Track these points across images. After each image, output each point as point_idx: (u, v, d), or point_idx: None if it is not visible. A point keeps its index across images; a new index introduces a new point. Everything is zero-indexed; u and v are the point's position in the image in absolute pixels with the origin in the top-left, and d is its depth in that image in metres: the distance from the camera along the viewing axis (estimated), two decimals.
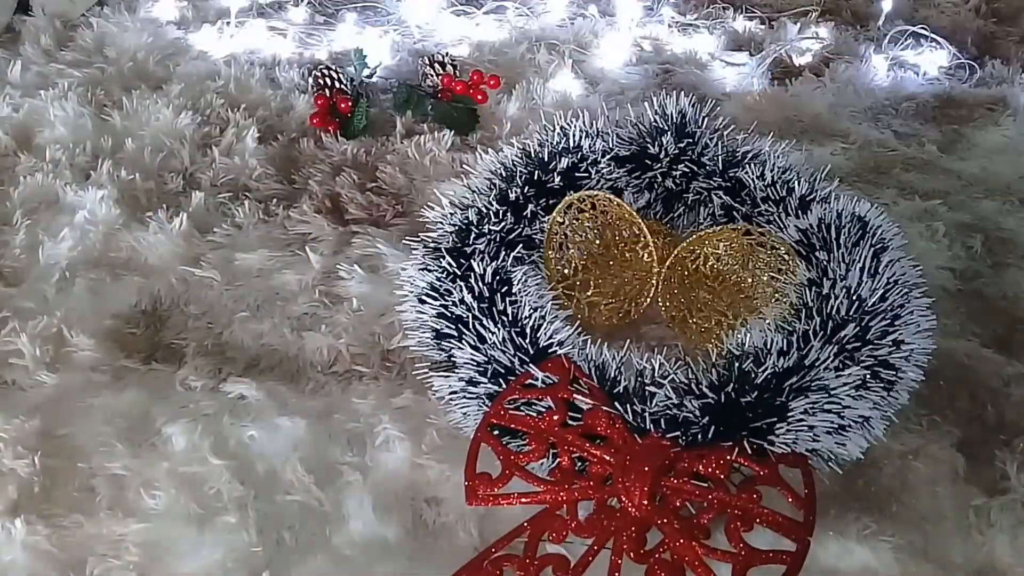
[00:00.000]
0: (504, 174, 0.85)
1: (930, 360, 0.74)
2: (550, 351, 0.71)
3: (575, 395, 0.67)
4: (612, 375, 0.69)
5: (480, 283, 0.75)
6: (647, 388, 0.68)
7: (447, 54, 1.16)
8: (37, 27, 1.22)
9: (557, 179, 0.84)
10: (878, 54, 1.28)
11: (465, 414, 0.72)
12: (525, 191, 0.83)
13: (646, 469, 0.61)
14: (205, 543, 0.65)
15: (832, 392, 0.67)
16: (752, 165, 0.85)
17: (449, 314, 0.74)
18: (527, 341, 0.72)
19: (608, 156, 0.86)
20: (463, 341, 0.72)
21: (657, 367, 0.70)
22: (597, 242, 0.87)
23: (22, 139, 1.04)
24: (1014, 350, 0.84)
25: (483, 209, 0.82)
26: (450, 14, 1.33)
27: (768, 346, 0.70)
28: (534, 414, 0.67)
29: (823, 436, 0.66)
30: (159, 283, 0.87)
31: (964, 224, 0.98)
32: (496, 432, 0.67)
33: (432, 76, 1.13)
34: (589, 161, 0.85)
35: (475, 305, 0.74)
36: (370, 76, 1.15)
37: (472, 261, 0.77)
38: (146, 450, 0.71)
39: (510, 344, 0.71)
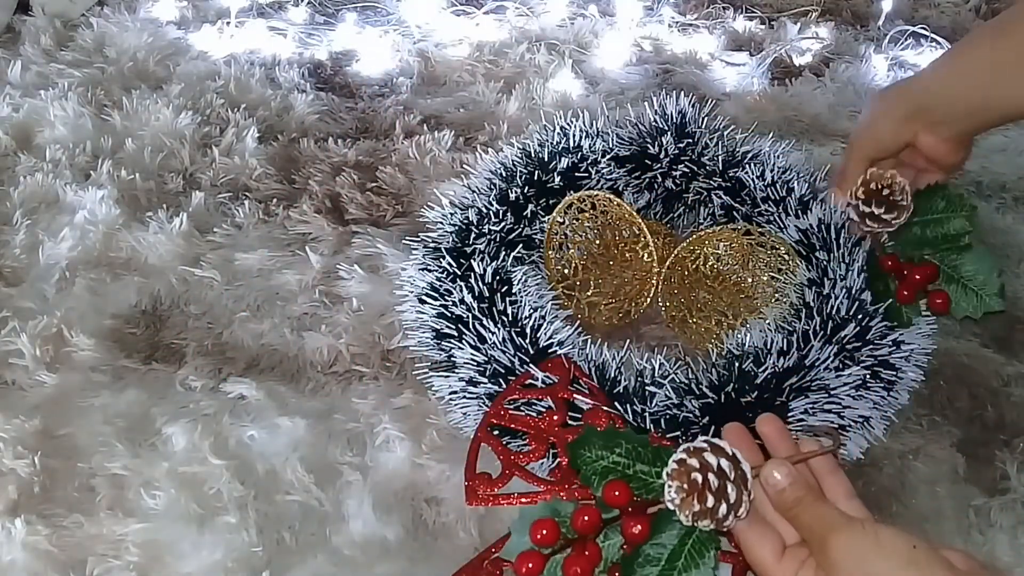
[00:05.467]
0: (504, 174, 0.85)
1: (930, 360, 0.74)
2: (550, 351, 0.71)
3: (575, 395, 0.67)
4: (612, 375, 0.70)
5: (480, 283, 0.75)
6: (647, 388, 0.68)
7: None
8: (37, 27, 1.22)
9: (557, 179, 0.84)
10: (878, 54, 1.27)
11: (465, 414, 0.72)
12: (525, 191, 0.83)
13: None
14: (205, 543, 0.65)
15: (832, 392, 0.67)
16: (752, 165, 0.85)
17: (449, 314, 0.74)
18: (527, 341, 0.72)
19: (608, 156, 0.86)
20: (463, 341, 0.72)
21: (657, 367, 0.70)
22: (597, 242, 0.87)
23: (22, 139, 1.04)
24: (1014, 350, 0.84)
25: (483, 209, 0.82)
26: (450, 14, 1.33)
27: (768, 346, 0.70)
28: (534, 414, 0.67)
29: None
30: (159, 283, 0.87)
31: None
32: (496, 432, 0.67)
33: None
34: (589, 161, 0.85)
35: (475, 305, 0.74)
36: None
37: (472, 261, 0.77)
38: (146, 450, 0.71)
39: (510, 344, 0.71)
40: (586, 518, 0.53)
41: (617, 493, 0.53)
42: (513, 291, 0.75)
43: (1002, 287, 0.72)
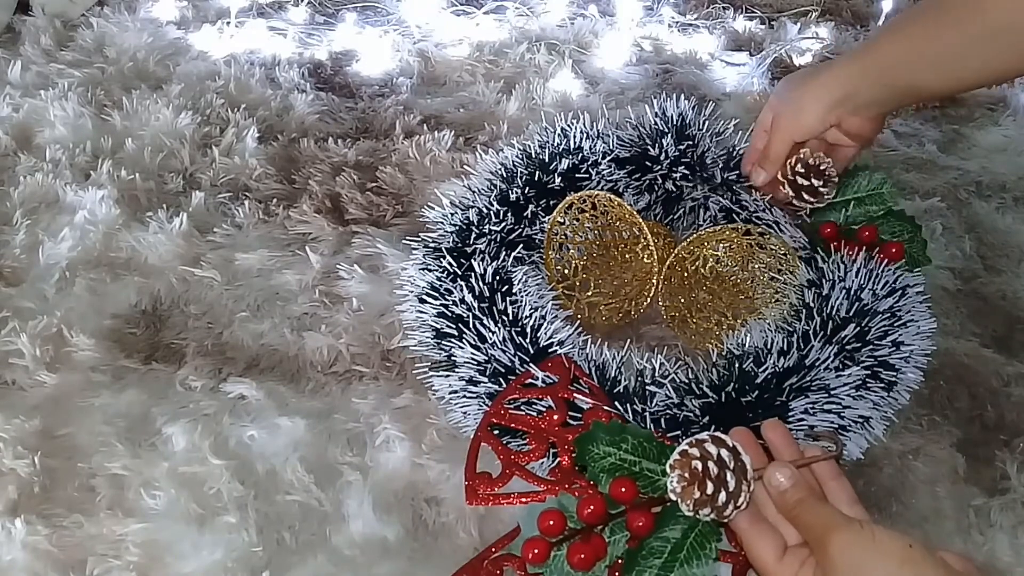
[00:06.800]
0: (504, 174, 0.85)
1: (930, 360, 0.74)
2: (550, 351, 0.71)
3: (575, 394, 0.67)
4: (612, 375, 0.70)
5: (480, 283, 0.75)
6: (647, 388, 0.68)
7: None
8: (37, 27, 1.22)
9: (557, 180, 0.84)
10: None
11: (465, 414, 0.72)
12: (525, 192, 0.83)
13: None
14: (205, 543, 0.65)
15: (832, 392, 0.67)
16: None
17: (449, 313, 0.74)
18: (527, 340, 0.72)
19: (608, 158, 0.86)
20: (463, 340, 0.72)
21: (657, 367, 0.70)
22: (597, 243, 0.87)
23: (22, 139, 1.04)
24: (1014, 350, 0.84)
25: (483, 209, 0.82)
26: (450, 14, 1.33)
27: (768, 346, 0.70)
28: (534, 413, 0.67)
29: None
30: (159, 283, 0.87)
31: (963, 224, 0.98)
32: (496, 431, 0.67)
33: None
34: (589, 162, 0.85)
35: (475, 304, 0.74)
36: None
37: (473, 261, 0.77)
38: (146, 450, 0.71)
39: (510, 343, 0.71)
40: (591, 508, 0.54)
41: (624, 490, 0.55)
42: (513, 291, 0.75)
43: (925, 243, 0.79)
